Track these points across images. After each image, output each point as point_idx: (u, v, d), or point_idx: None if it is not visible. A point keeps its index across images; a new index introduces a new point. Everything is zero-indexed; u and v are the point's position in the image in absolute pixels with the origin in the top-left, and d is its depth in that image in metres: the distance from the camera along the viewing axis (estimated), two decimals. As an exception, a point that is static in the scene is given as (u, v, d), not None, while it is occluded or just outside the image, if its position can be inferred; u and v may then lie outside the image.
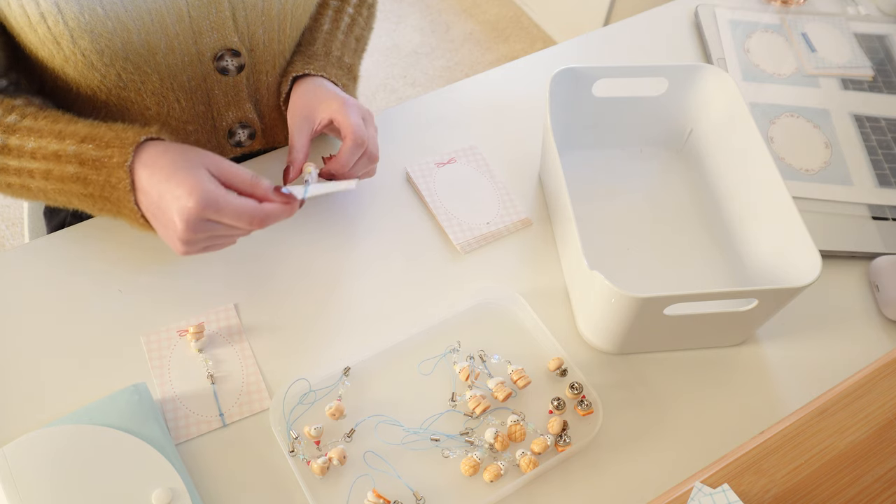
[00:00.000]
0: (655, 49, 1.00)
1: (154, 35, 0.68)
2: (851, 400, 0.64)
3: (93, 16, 0.65)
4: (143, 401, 0.62)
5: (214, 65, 0.74)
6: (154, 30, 0.68)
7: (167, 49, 0.70)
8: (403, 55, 2.15)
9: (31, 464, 0.57)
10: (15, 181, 0.69)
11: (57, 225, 0.90)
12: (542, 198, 0.83)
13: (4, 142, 0.67)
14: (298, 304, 0.72)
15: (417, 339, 0.70)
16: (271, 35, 0.76)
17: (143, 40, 0.68)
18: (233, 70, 0.75)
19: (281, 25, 0.76)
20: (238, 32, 0.73)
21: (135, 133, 0.65)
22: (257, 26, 0.74)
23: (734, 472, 0.59)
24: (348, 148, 0.72)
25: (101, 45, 0.67)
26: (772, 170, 0.72)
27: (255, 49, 0.75)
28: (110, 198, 0.65)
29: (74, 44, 0.66)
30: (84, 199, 0.67)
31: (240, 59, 0.74)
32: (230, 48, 0.73)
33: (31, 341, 0.67)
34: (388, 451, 0.64)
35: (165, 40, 0.69)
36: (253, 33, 0.74)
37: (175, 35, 0.69)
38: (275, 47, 0.77)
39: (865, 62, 0.99)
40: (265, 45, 0.76)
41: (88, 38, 0.66)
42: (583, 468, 0.64)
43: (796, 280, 0.64)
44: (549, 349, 0.70)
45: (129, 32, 0.67)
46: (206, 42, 0.71)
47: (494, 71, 0.95)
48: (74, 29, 0.65)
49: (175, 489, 0.58)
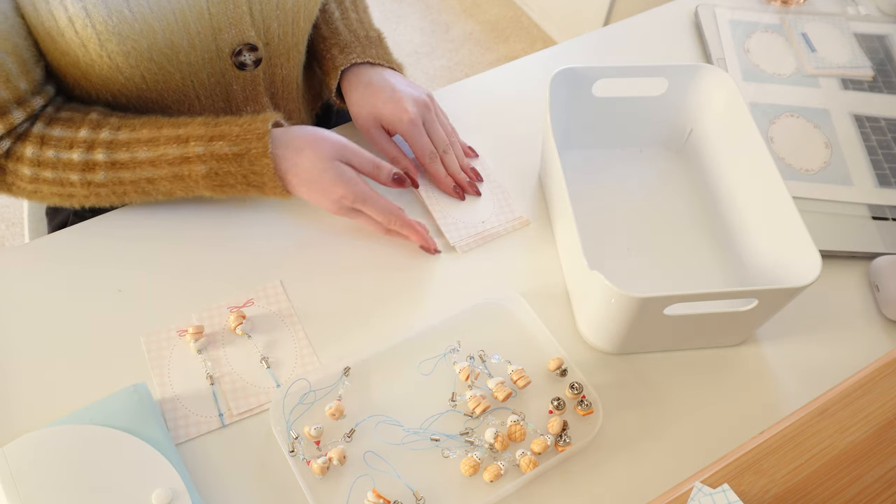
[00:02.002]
0: (655, 49, 1.00)
1: (177, 34, 0.69)
2: (851, 400, 0.63)
3: (120, 18, 0.65)
4: (143, 401, 0.62)
5: (233, 60, 0.75)
6: (177, 29, 0.69)
7: (189, 47, 0.71)
8: (403, 55, 2.15)
9: (31, 464, 0.57)
10: (131, 190, 0.72)
11: (59, 223, 0.90)
12: (541, 198, 0.83)
13: (111, 158, 0.70)
14: (298, 304, 0.72)
15: (417, 339, 0.70)
16: (286, 28, 0.77)
17: (167, 40, 0.69)
18: (250, 65, 0.76)
19: (295, 18, 0.77)
20: (255, 27, 0.74)
21: (261, 122, 0.71)
22: (272, 20, 0.75)
23: (734, 472, 0.59)
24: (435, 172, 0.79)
25: (128, 47, 0.67)
26: (772, 170, 0.72)
27: (271, 42, 0.77)
28: (253, 182, 0.72)
29: (102, 47, 0.67)
30: (216, 189, 0.73)
31: (257, 53, 0.76)
32: (248, 43, 0.74)
33: (31, 341, 0.67)
34: (388, 451, 0.64)
35: (187, 38, 0.70)
36: (268, 27, 0.75)
37: (196, 33, 0.70)
38: (289, 40, 0.79)
39: (865, 62, 0.99)
40: (280, 39, 0.77)
41: (116, 40, 0.67)
42: (583, 468, 0.64)
43: (796, 280, 0.64)
44: (549, 349, 0.70)
45: (154, 33, 0.68)
46: (224, 38, 0.73)
47: (494, 71, 0.95)
48: (102, 32, 0.66)
49: (175, 489, 0.58)
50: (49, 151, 0.70)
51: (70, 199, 0.73)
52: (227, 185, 0.72)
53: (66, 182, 0.71)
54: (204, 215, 0.77)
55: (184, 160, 0.71)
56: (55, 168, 0.70)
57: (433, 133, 0.80)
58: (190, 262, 0.74)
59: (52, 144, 0.70)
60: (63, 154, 0.70)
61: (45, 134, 0.71)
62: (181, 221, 0.76)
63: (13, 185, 0.72)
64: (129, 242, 0.75)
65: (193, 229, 0.76)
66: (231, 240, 0.76)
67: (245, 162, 0.71)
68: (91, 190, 0.72)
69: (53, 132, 0.71)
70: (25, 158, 0.70)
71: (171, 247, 0.75)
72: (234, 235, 0.76)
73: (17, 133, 0.70)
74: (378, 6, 2.28)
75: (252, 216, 0.78)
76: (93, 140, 0.70)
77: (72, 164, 0.70)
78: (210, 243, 0.75)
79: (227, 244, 0.75)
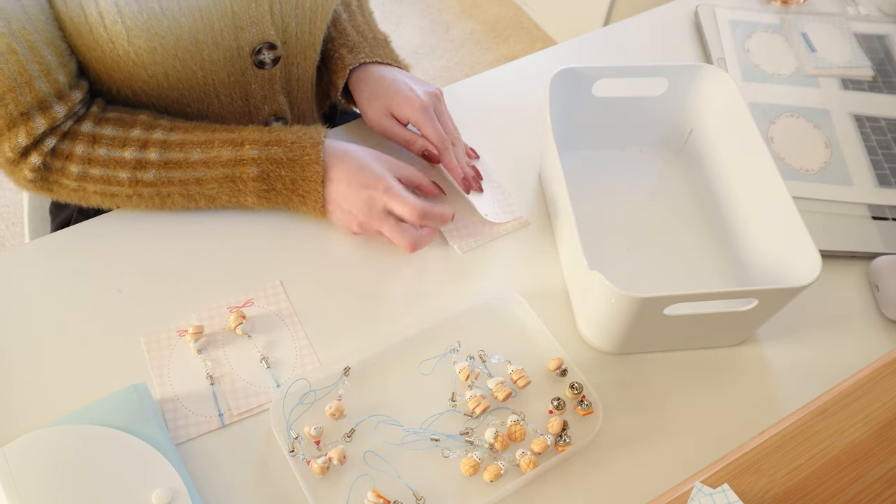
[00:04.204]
0: (655, 49, 1.00)
1: (202, 32, 0.69)
2: (851, 400, 0.63)
3: (151, 15, 0.66)
4: (143, 401, 0.62)
5: (252, 59, 0.75)
6: (203, 26, 0.69)
7: (212, 45, 0.71)
8: (403, 55, 2.14)
9: (31, 464, 0.57)
10: (176, 192, 0.73)
11: (63, 221, 0.90)
12: (541, 198, 0.83)
13: (164, 157, 0.71)
14: (298, 304, 0.72)
15: (417, 339, 0.70)
16: (303, 27, 0.78)
17: (192, 37, 0.69)
18: (269, 63, 0.77)
19: (312, 17, 0.78)
20: (275, 25, 0.75)
21: (315, 132, 0.74)
22: (291, 19, 0.76)
23: (734, 472, 0.59)
24: (448, 161, 0.78)
25: (155, 43, 0.68)
26: (772, 170, 0.72)
27: (289, 41, 0.78)
28: (298, 190, 0.73)
29: (129, 43, 0.67)
30: (261, 196, 0.74)
31: (276, 51, 0.77)
32: (267, 41, 0.75)
33: (32, 341, 0.67)
34: (388, 451, 0.64)
35: (211, 36, 0.70)
36: (287, 26, 0.76)
37: (220, 30, 0.71)
38: (306, 39, 0.79)
39: (865, 62, 0.99)
40: (297, 38, 0.78)
41: (144, 37, 0.67)
42: (583, 468, 0.64)
43: (796, 280, 0.64)
44: (549, 349, 0.70)
45: (181, 29, 0.68)
46: (245, 36, 0.73)
47: (494, 71, 0.95)
48: (132, 28, 0.66)
49: (175, 489, 0.58)
50: (101, 149, 0.71)
51: (113, 198, 0.73)
52: (274, 190, 0.73)
53: (113, 181, 0.71)
54: (204, 216, 0.77)
55: (238, 162, 0.72)
56: (105, 166, 0.71)
57: (443, 123, 0.80)
58: (190, 262, 0.74)
59: (105, 143, 0.71)
60: (115, 152, 0.71)
61: (96, 133, 0.71)
62: (181, 221, 0.76)
63: (55, 184, 0.72)
64: (130, 242, 0.75)
65: (194, 229, 0.76)
66: (231, 240, 0.76)
67: (297, 167, 0.72)
68: (136, 189, 0.72)
69: (105, 131, 0.71)
70: (75, 156, 0.70)
71: (172, 247, 0.75)
72: (234, 235, 0.76)
73: (62, 131, 0.70)
74: (378, 6, 2.28)
75: (252, 216, 0.78)
76: (146, 139, 0.71)
77: (123, 162, 0.71)
78: (210, 243, 0.75)
79: (227, 244, 0.75)
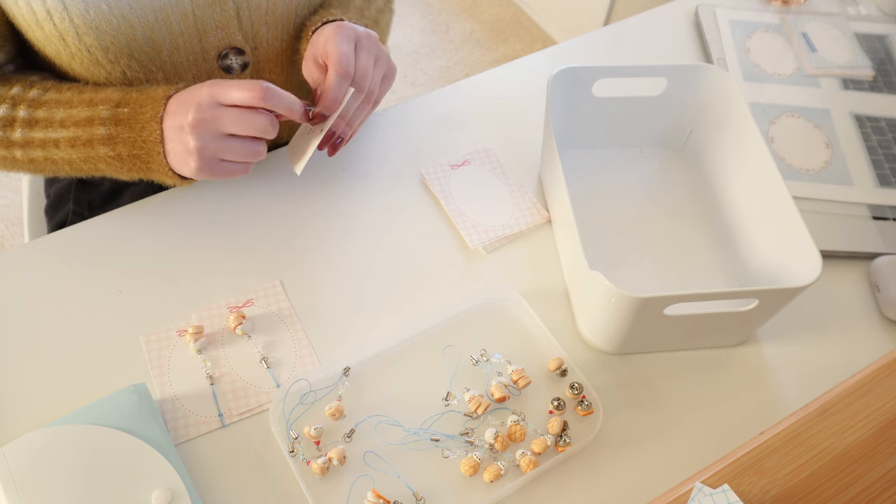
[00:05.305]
0: (655, 49, 1.00)
1: (158, 33, 0.68)
2: (852, 400, 0.63)
3: (98, 13, 0.65)
4: (143, 401, 0.62)
5: (219, 63, 0.74)
6: (158, 28, 0.68)
7: (172, 47, 0.70)
8: (403, 55, 2.15)
9: (31, 464, 0.57)
10: (39, 154, 0.69)
11: (59, 222, 0.90)
12: (542, 198, 0.82)
13: (31, 115, 0.68)
14: (298, 304, 0.72)
15: (417, 339, 0.70)
16: (275, 34, 0.76)
17: (147, 38, 0.68)
18: (237, 68, 0.75)
19: (285, 24, 0.76)
20: (242, 31, 0.73)
21: (164, 90, 0.67)
22: (261, 25, 0.74)
23: (734, 472, 0.59)
24: (331, 81, 0.66)
25: (106, 42, 0.67)
26: (772, 170, 0.72)
27: (259, 47, 0.76)
28: (140, 154, 0.67)
29: (80, 40, 0.67)
30: (112, 162, 0.68)
31: (244, 57, 0.75)
32: (234, 47, 0.73)
33: (31, 341, 0.67)
34: (388, 451, 0.64)
35: (170, 38, 0.69)
36: (257, 32, 0.74)
37: (180, 33, 0.69)
38: (278, 45, 0.77)
39: (866, 62, 0.99)
40: (269, 44, 0.76)
41: (93, 34, 0.66)
42: (583, 468, 0.64)
43: (796, 280, 0.64)
44: (549, 349, 0.70)
45: (133, 30, 0.67)
46: (210, 41, 0.72)
47: (494, 71, 0.95)
48: (80, 26, 0.65)
49: (175, 489, 0.58)
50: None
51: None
52: (120, 156, 0.67)
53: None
54: (204, 215, 0.77)
55: (89, 122, 0.66)
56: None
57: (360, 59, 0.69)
58: (190, 261, 0.74)
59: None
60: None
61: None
62: (181, 221, 0.76)
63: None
64: (129, 242, 0.75)
65: (193, 229, 0.76)
66: (231, 240, 0.76)
67: (136, 127, 0.65)
68: (11, 152, 0.69)
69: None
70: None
71: (171, 247, 0.75)
72: (234, 235, 0.76)
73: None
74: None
75: (252, 216, 0.78)
76: (20, 97, 0.68)
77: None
78: (210, 243, 0.75)
79: (227, 244, 0.75)
